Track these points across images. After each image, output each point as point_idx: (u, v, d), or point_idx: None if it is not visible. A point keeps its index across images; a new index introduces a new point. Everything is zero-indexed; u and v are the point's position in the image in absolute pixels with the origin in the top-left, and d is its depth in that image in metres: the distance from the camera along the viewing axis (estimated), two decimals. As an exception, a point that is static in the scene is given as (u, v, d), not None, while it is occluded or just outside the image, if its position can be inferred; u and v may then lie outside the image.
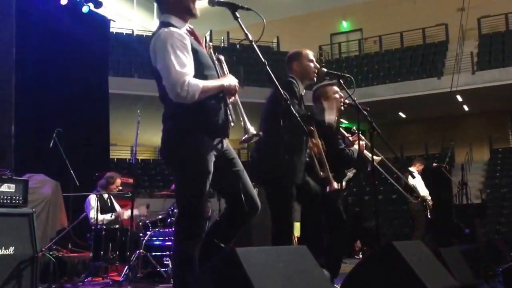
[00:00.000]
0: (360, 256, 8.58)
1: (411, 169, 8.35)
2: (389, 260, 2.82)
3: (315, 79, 3.79)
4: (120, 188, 6.17)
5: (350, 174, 6.99)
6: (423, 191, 8.12)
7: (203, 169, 2.69)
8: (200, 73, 2.74)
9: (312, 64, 3.74)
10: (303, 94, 3.78)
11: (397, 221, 13.74)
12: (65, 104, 7.93)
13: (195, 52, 2.75)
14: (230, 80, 2.83)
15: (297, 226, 10.13)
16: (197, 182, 2.69)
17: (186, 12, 2.85)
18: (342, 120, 4.50)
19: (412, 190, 8.12)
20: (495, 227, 12.82)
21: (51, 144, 6.16)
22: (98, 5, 8.76)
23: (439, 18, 18.44)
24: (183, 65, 2.62)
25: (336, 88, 4.13)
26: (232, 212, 2.88)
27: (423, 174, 8.63)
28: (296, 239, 8.93)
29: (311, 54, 3.80)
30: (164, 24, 2.81)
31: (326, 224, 4.07)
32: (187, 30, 2.88)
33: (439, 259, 3.33)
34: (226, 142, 2.89)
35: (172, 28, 2.73)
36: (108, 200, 6.17)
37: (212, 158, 2.74)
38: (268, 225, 3.51)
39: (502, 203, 13.97)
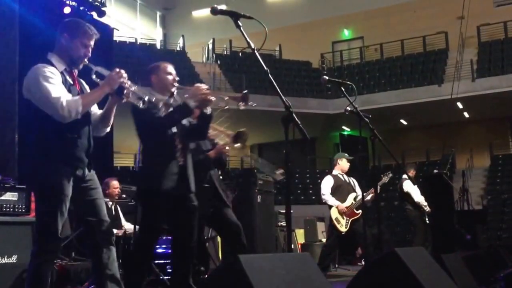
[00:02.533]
0: (362, 263, 8.57)
1: (405, 176, 8.36)
2: (391, 266, 2.83)
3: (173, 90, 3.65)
4: (123, 195, 6.16)
5: (385, 178, 7.03)
6: (418, 197, 8.13)
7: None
8: None
9: (170, 77, 3.64)
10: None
11: (399, 228, 13.73)
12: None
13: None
14: (108, 78, 2.97)
15: (300, 232, 10.10)
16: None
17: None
18: (344, 127, 4.53)
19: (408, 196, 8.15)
20: (496, 233, 12.80)
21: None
22: (101, 14, 8.82)
23: (439, 26, 18.52)
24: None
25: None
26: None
27: (424, 180, 8.65)
28: (299, 246, 8.96)
29: (169, 67, 3.69)
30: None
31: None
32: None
33: (441, 265, 3.34)
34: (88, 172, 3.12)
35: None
36: (113, 208, 6.14)
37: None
38: (271, 232, 3.54)
39: (503, 209, 13.96)
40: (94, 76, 3.06)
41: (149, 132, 3.51)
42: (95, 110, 3.21)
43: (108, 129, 3.30)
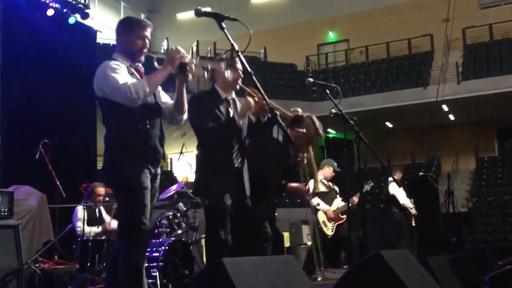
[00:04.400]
0: (347, 266, 8.58)
1: (391, 178, 8.40)
2: (376, 269, 2.82)
3: None
4: (107, 199, 6.10)
5: (367, 187, 7.06)
6: (404, 199, 8.17)
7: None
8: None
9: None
10: None
11: (384, 231, 13.79)
12: (51, 115, 7.88)
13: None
14: (168, 57, 3.03)
15: (285, 235, 10.11)
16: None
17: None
18: (329, 130, 4.53)
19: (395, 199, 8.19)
20: (482, 235, 12.91)
21: (37, 156, 6.11)
22: (85, 16, 8.76)
23: (425, 28, 18.66)
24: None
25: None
26: None
27: (409, 183, 8.69)
28: (284, 249, 8.94)
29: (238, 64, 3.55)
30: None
31: None
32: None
33: (426, 267, 3.34)
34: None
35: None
36: (97, 211, 6.10)
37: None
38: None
39: (488, 212, 14.08)
40: (156, 64, 3.15)
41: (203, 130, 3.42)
42: (167, 100, 3.29)
43: (185, 116, 3.31)
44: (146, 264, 5.30)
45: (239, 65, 3.48)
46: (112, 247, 3.15)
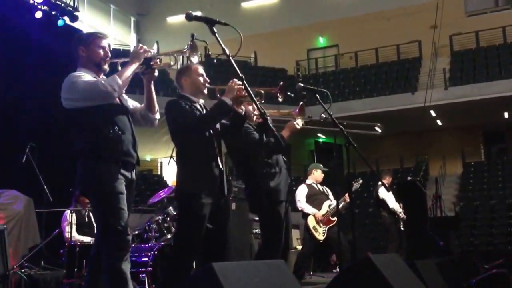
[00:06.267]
0: (337, 269, 8.60)
1: (380, 183, 8.44)
2: (365, 273, 2.83)
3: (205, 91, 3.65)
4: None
5: (356, 185, 7.07)
6: (393, 204, 8.22)
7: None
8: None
9: (201, 78, 3.61)
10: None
11: (373, 234, 13.82)
12: (39, 118, 7.82)
13: None
14: (133, 53, 3.12)
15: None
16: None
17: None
18: (319, 134, 4.53)
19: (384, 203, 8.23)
20: (469, 239, 12.98)
21: (23, 159, 6.04)
22: (74, 19, 8.72)
23: (413, 35, 18.80)
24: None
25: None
26: None
27: (398, 187, 8.73)
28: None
29: (200, 68, 3.66)
30: None
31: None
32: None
33: (414, 271, 3.36)
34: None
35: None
36: (86, 216, 6.03)
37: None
38: (246, 240, 3.52)
39: (475, 216, 14.18)
40: (120, 68, 3.16)
41: (188, 133, 3.43)
42: (135, 104, 3.32)
43: (158, 116, 3.34)
44: (134, 270, 5.32)
45: (201, 70, 3.60)
46: (94, 246, 3.12)
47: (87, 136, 3.07)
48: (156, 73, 3.21)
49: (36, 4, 8.07)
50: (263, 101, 3.51)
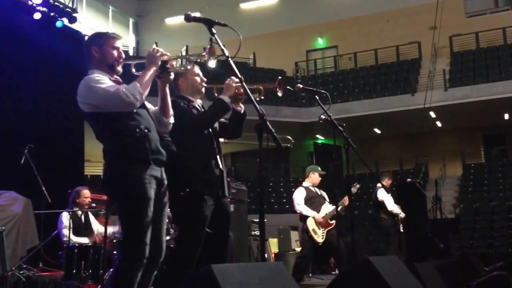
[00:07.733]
0: (336, 272, 8.58)
1: (379, 184, 8.42)
2: (365, 275, 2.81)
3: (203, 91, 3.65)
4: (93, 205, 6.02)
5: (353, 189, 7.04)
6: (392, 206, 8.20)
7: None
8: None
9: (198, 78, 3.62)
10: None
11: (372, 237, 13.81)
12: (37, 119, 7.81)
13: None
14: (149, 57, 3.01)
15: (274, 241, 10.06)
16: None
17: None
18: (318, 136, 4.51)
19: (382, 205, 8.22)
20: (469, 241, 12.96)
21: (22, 160, 6.02)
22: (73, 20, 8.70)
23: (412, 36, 18.83)
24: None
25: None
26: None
27: (397, 189, 8.72)
28: (273, 255, 8.92)
29: (197, 69, 3.65)
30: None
31: None
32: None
33: (414, 273, 3.34)
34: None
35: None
36: (83, 218, 5.99)
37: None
38: (245, 242, 3.50)
39: (475, 218, 14.16)
40: (134, 70, 3.11)
41: (187, 133, 3.40)
42: (150, 106, 3.21)
43: (173, 120, 3.23)
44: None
45: (197, 70, 3.60)
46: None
47: (114, 138, 2.95)
48: (172, 76, 3.14)
49: (34, 5, 8.04)
50: (262, 97, 3.47)
